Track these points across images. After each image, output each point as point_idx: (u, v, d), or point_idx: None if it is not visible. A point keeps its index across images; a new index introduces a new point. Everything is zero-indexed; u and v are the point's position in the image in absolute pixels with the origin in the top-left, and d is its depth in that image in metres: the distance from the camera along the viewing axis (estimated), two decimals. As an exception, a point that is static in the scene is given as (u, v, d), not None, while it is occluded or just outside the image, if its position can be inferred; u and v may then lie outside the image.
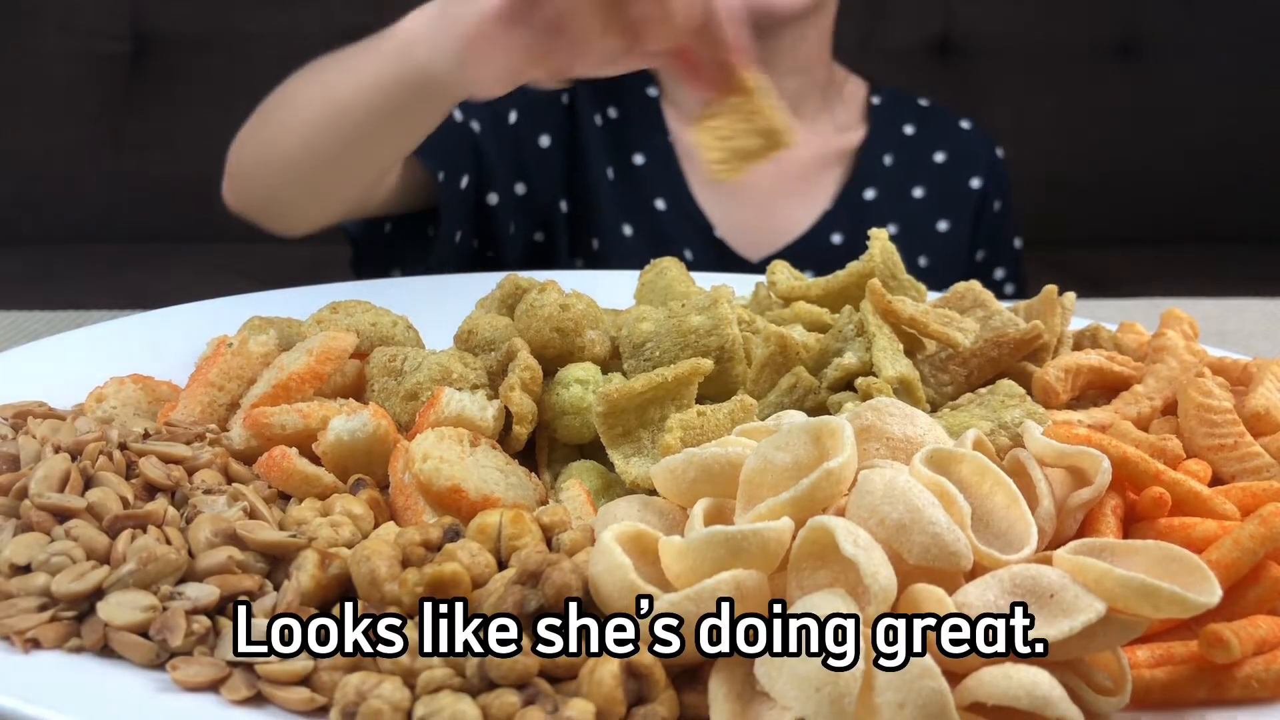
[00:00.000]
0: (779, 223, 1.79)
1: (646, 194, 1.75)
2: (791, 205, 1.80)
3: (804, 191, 1.81)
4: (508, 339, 0.92)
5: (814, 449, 0.66)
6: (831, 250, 1.76)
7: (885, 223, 1.78)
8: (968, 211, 1.85)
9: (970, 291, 1.02)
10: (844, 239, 1.78)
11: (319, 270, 2.24)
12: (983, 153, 1.88)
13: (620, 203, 1.72)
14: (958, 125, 1.90)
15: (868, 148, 1.83)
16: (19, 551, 0.65)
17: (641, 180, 1.75)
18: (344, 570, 0.66)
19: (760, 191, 1.77)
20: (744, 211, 1.77)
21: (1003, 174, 1.89)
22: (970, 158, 1.87)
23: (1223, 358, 1.00)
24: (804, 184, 1.81)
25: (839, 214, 1.79)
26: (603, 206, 1.72)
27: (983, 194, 1.85)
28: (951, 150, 1.86)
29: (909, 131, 1.86)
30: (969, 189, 1.85)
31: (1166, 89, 2.96)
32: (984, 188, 1.85)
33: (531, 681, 0.58)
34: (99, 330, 1.07)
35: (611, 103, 1.74)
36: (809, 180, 1.81)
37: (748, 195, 1.76)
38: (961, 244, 1.84)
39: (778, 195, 1.78)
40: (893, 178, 1.82)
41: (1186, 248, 2.90)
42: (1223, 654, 0.63)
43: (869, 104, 1.87)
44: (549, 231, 1.73)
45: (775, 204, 1.79)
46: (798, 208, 1.80)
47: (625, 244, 1.72)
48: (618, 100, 1.75)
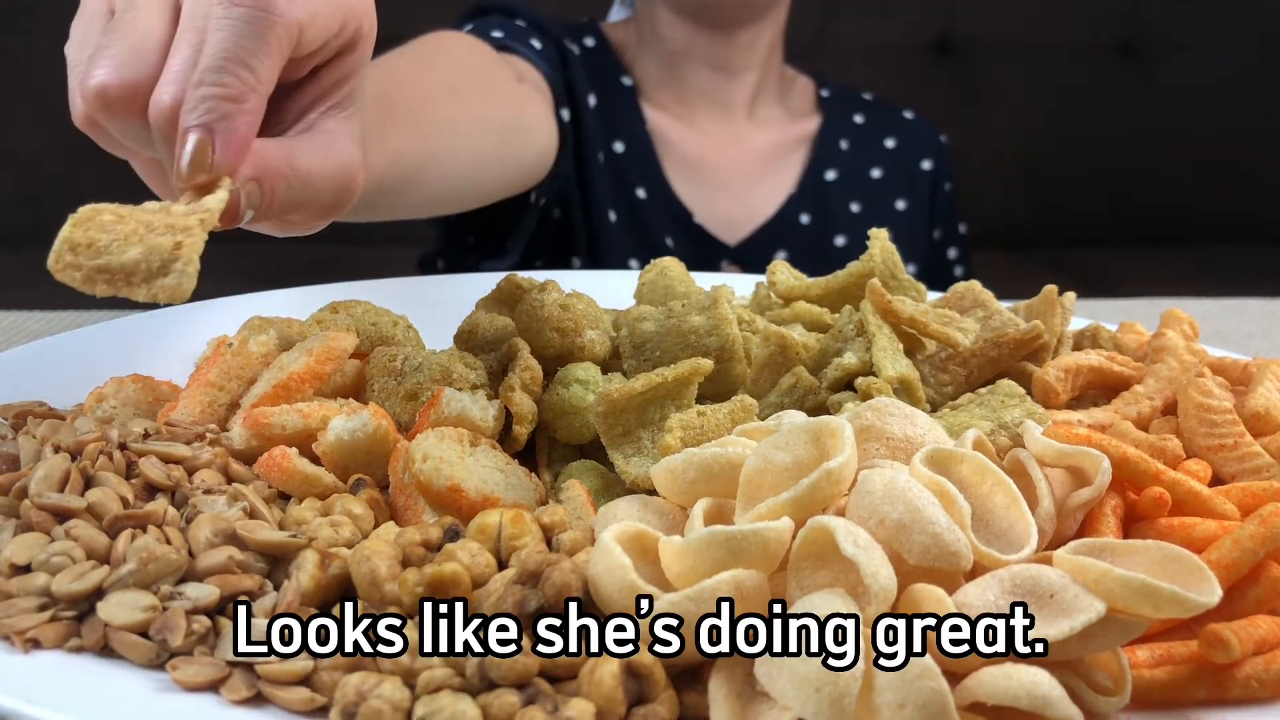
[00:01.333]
0: (749, 207, 1.87)
1: (628, 182, 1.80)
2: (759, 190, 1.88)
3: (770, 177, 1.89)
4: (508, 339, 0.92)
5: (814, 449, 0.66)
6: (801, 229, 1.86)
7: (848, 201, 1.90)
8: (923, 191, 1.95)
9: (970, 291, 1.02)
10: (811, 218, 1.87)
11: (319, 270, 2.24)
12: (929, 138, 1.98)
13: (607, 188, 1.76)
14: (902, 115, 2.00)
15: (824, 134, 1.92)
16: (19, 551, 0.65)
17: (623, 168, 1.80)
18: (344, 570, 0.66)
19: (729, 179, 1.86)
20: (716, 198, 1.85)
21: (949, 158, 1.99)
22: (918, 142, 1.97)
23: (1223, 358, 1.00)
24: (769, 170, 1.90)
25: (804, 195, 1.88)
26: (596, 190, 1.75)
27: (934, 175, 1.96)
28: (900, 136, 1.97)
29: (859, 120, 1.96)
30: (921, 170, 1.95)
31: (1167, 89, 2.97)
32: (934, 169, 1.96)
33: (531, 681, 0.58)
34: (99, 330, 1.07)
35: (593, 89, 1.77)
36: (773, 166, 1.90)
37: (718, 183, 1.85)
38: (921, 222, 1.95)
39: (746, 181, 1.87)
40: (850, 160, 1.92)
41: (1186, 248, 2.90)
42: (1223, 654, 0.63)
43: (818, 96, 1.97)
44: (565, 209, 1.76)
45: (744, 189, 1.87)
46: (765, 192, 1.88)
47: (611, 229, 1.77)
48: (597, 87, 1.79)
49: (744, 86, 1.85)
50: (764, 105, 1.90)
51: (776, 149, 1.90)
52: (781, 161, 1.90)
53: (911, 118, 1.99)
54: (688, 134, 1.85)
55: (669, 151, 1.83)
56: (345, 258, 2.65)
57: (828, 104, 1.95)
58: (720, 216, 1.84)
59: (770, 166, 1.89)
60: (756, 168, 1.88)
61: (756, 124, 1.89)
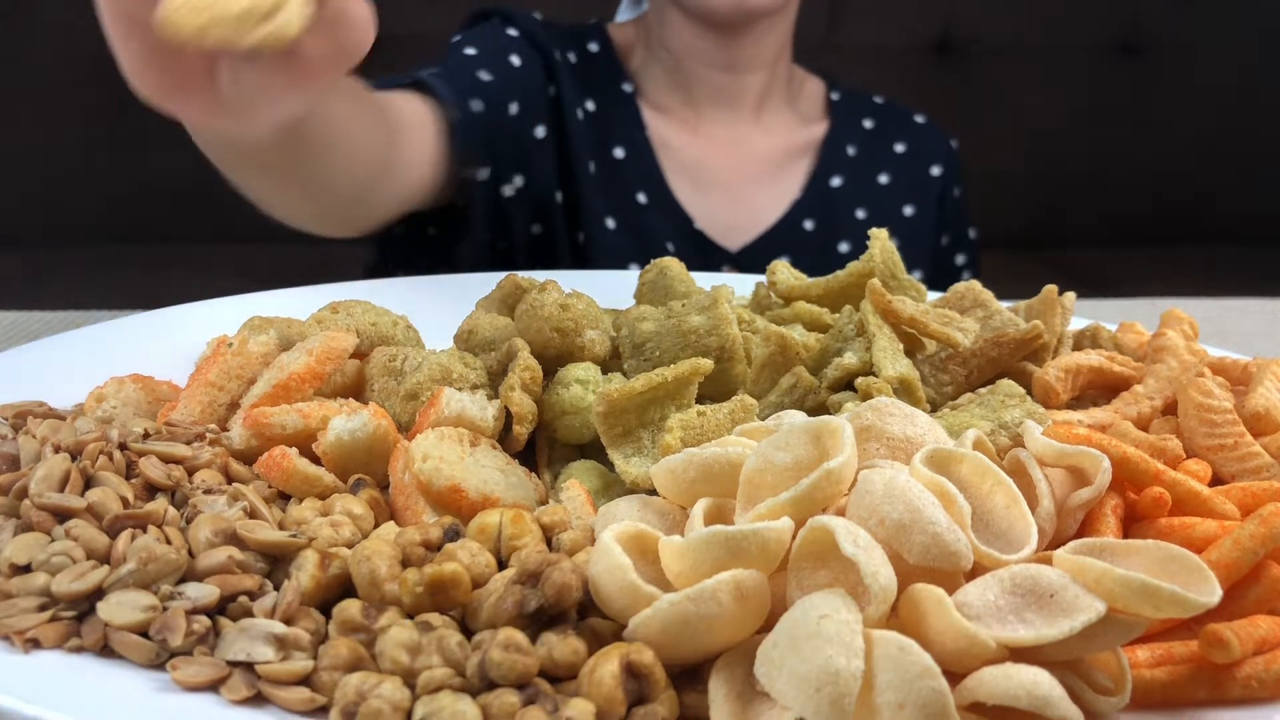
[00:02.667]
0: (752, 212, 1.85)
1: (628, 188, 1.79)
2: (762, 195, 1.87)
3: (774, 182, 1.88)
4: (508, 339, 0.92)
5: (814, 449, 0.66)
6: (804, 236, 1.84)
7: (854, 208, 1.87)
8: (931, 197, 1.93)
9: (970, 291, 1.02)
10: (815, 225, 1.86)
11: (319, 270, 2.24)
12: (939, 144, 1.96)
13: (603, 196, 1.75)
14: (913, 119, 1.98)
15: (831, 139, 1.90)
16: (19, 551, 0.65)
17: (622, 174, 1.79)
18: (344, 570, 0.66)
19: (732, 184, 1.84)
20: (718, 203, 1.83)
21: (959, 164, 1.98)
22: (928, 148, 1.95)
23: (1223, 358, 1.00)
24: (773, 175, 1.88)
25: (809, 201, 1.86)
26: (588, 199, 1.74)
27: (943, 181, 1.94)
28: (910, 141, 1.95)
29: (868, 125, 1.94)
30: (930, 176, 1.94)
31: (1167, 89, 2.97)
32: (944, 175, 1.94)
33: (531, 681, 0.58)
34: (99, 330, 1.07)
35: (589, 95, 1.77)
36: (778, 171, 1.89)
37: (720, 188, 1.83)
38: (928, 228, 1.93)
39: (749, 186, 1.86)
40: (857, 166, 1.90)
41: (1186, 248, 2.90)
42: (1223, 654, 0.63)
43: (828, 99, 1.96)
44: (547, 224, 1.75)
45: (747, 195, 1.85)
46: (769, 198, 1.87)
47: (609, 237, 1.76)
48: (595, 94, 1.78)
49: (751, 87, 1.84)
50: (771, 108, 1.88)
51: (782, 154, 1.89)
52: (787, 167, 1.89)
53: (923, 122, 1.98)
54: (691, 138, 1.85)
55: (671, 156, 1.83)
56: (345, 258, 2.65)
57: (837, 108, 1.94)
58: (722, 222, 1.83)
59: (776, 172, 1.88)
60: (761, 173, 1.87)
61: (763, 128, 1.88)
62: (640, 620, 0.59)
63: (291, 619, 0.64)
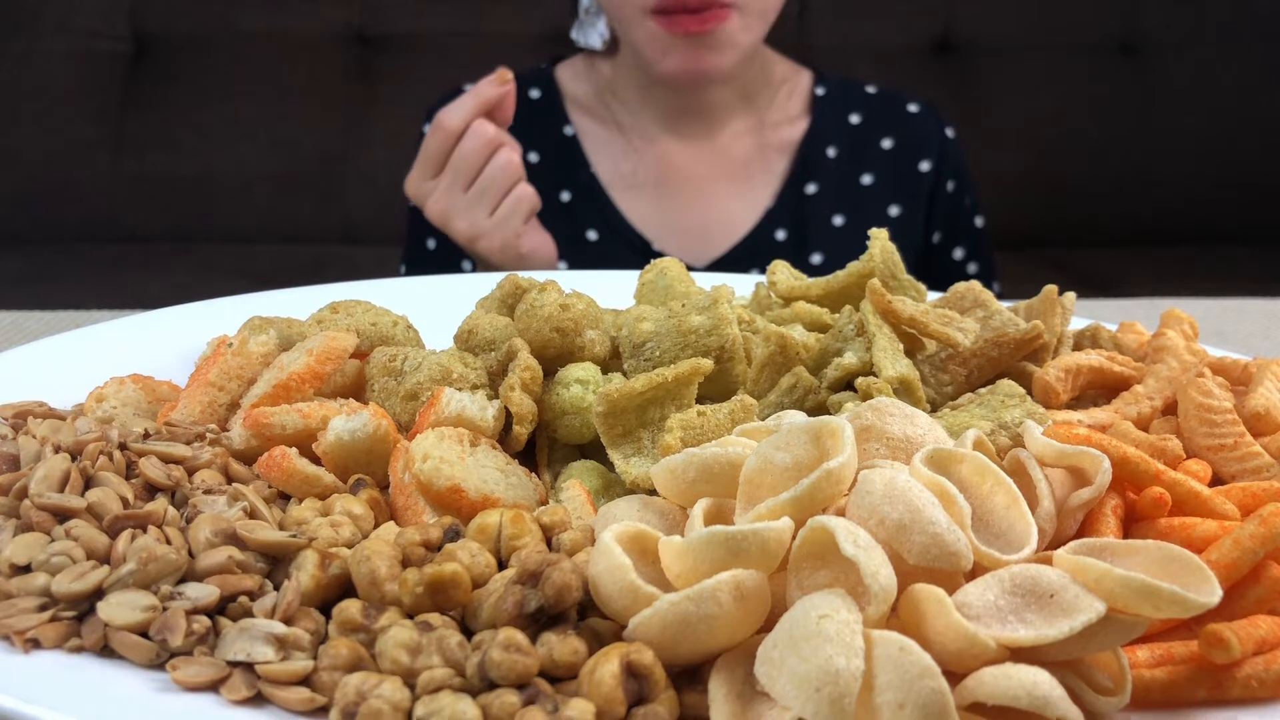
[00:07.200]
0: (720, 225, 1.82)
1: (577, 227, 1.78)
2: (731, 206, 1.83)
3: (743, 191, 1.84)
4: (508, 339, 0.92)
5: (814, 449, 0.66)
6: (776, 247, 1.80)
7: (829, 214, 1.83)
8: (920, 195, 1.88)
9: (970, 291, 1.02)
10: (788, 234, 1.82)
11: (319, 270, 2.24)
12: (933, 135, 1.90)
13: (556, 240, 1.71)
14: (906, 110, 1.92)
15: (810, 140, 1.86)
16: (19, 551, 0.65)
17: (569, 216, 1.79)
18: (344, 570, 0.66)
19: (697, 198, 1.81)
20: (681, 219, 1.80)
21: (955, 154, 1.91)
22: (918, 142, 1.89)
23: (1223, 358, 1.00)
24: (743, 183, 1.84)
25: (782, 210, 1.82)
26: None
27: (934, 176, 1.88)
28: (899, 135, 1.89)
29: (855, 120, 1.89)
30: (918, 172, 1.88)
31: (1167, 89, 2.97)
32: (934, 169, 1.88)
33: (531, 681, 0.58)
34: (99, 330, 1.07)
35: (531, 148, 1.76)
36: (748, 178, 1.84)
37: (685, 204, 1.80)
38: (916, 227, 1.88)
39: (715, 197, 1.82)
40: (837, 169, 1.85)
41: (1186, 248, 2.90)
42: (1223, 654, 0.63)
43: (812, 95, 1.89)
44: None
45: (713, 206, 1.82)
46: (737, 208, 1.83)
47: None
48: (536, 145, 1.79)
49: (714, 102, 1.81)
50: (740, 115, 1.84)
51: (750, 160, 1.85)
52: (757, 173, 1.85)
53: (917, 110, 1.91)
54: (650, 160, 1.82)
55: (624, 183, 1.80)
56: (345, 258, 2.65)
57: (821, 104, 1.88)
58: (685, 239, 1.80)
59: (744, 179, 1.84)
60: (727, 181, 1.83)
61: (731, 136, 1.84)
62: (640, 620, 0.59)
63: (291, 619, 0.64)
